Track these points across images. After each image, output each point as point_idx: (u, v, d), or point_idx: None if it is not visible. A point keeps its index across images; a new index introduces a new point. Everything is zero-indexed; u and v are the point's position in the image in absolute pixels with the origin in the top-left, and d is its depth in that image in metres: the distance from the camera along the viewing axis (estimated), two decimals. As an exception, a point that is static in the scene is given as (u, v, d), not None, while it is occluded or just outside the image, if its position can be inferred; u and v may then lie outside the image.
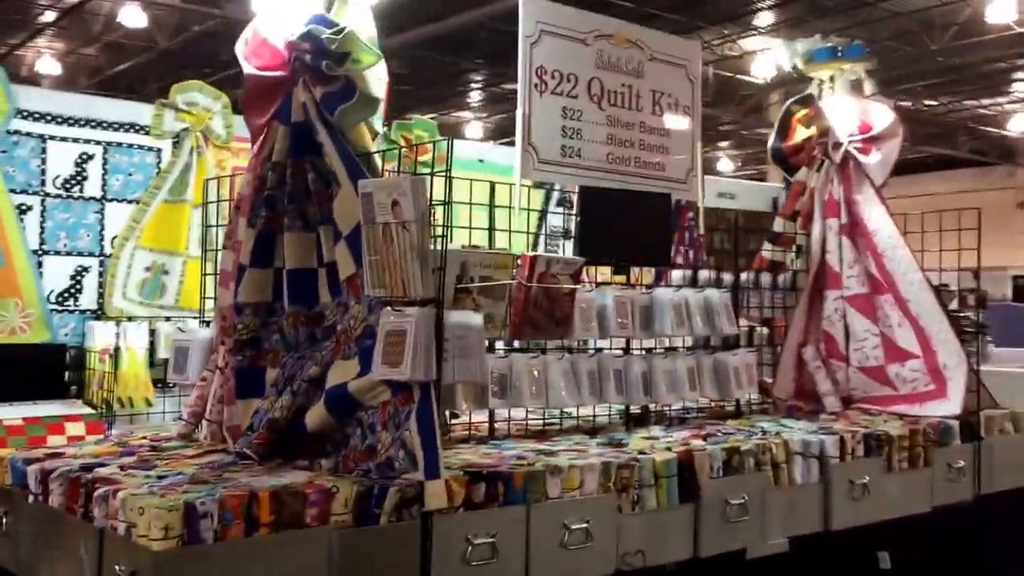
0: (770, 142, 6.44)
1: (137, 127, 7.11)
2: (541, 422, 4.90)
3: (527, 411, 4.77)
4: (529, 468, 3.68)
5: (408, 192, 3.32)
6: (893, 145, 6.05)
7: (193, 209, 7.00)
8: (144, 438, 4.33)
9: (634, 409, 5.19)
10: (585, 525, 3.75)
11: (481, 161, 8.91)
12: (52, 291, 6.77)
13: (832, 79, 6.24)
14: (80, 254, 6.87)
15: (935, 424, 5.36)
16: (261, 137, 3.97)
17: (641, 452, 4.15)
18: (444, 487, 3.28)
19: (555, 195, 9.72)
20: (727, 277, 5.74)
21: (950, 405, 5.51)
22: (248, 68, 3.86)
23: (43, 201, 6.72)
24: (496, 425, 4.66)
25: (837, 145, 6.02)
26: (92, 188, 6.92)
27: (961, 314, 6.69)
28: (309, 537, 3.09)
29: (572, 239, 9.65)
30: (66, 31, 16.33)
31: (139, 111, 7.14)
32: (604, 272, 5.36)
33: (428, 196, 3.39)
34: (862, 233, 5.93)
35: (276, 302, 3.99)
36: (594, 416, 5.10)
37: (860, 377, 5.91)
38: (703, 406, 5.74)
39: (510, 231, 4.82)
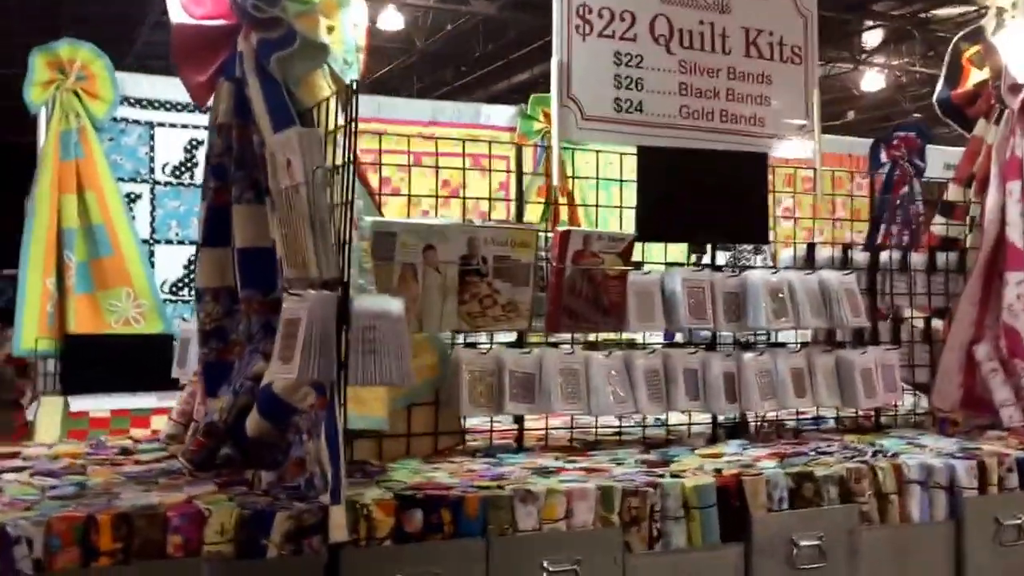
0: (937, 90, 5.19)
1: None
2: (594, 432, 4.09)
3: (596, 419, 3.99)
4: (490, 492, 2.92)
5: (296, 149, 2.68)
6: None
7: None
8: (136, 440, 3.97)
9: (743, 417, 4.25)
10: (573, 567, 2.94)
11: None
12: (165, 281, 6.71)
13: (1015, 4, 4.90)
14: (192, 243, 6.73)
15: None
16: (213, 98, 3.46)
17: (675, 475, 3.27)
18: (343, 514, 2.61)
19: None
20: (859, 256, 4.61)
21: None
22: (183, 18, 3.35)
23: (152, 189, 6.66)
24: (556, 432, 3.94)
25: (1016, 87, 4.70)
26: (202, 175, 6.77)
27: None
28: (168, 570, 2.52)
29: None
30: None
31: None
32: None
33: (326, 153, 2.76)
34: (1049, 197, 4.59)
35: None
36: (689, 425, 4.21)
37: (1055, 381, 4.58)
38: (845, 415, 4.66)
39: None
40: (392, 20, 15.00)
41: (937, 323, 4.80)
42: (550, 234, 3.86)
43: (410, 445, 3.62)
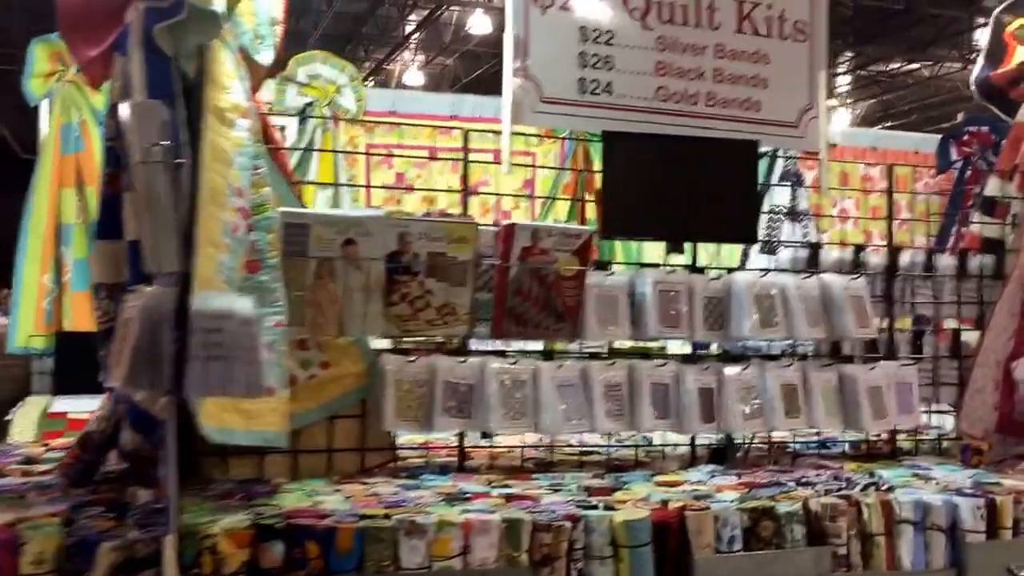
0: (975, 70, 4.58)
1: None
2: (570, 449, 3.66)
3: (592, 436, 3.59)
4: (370, 523, 2.53)
5: (132, 123, 2.36)
6: None
7: (320, 189, 6.45)
8: (50, 448, 3.70)
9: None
10: (468, 612, 2.54)
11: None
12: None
13: (1068, -28, 4.29)
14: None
15: None
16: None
17: (610, 507, 2.82)
18: (174, 546, 2.25)
19: (779, 165, 8.11)
20: (873, 259, 4.07)
21: None
22: (68, -13, 3.05)
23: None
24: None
25: (1063, 65, 4.09)
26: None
27: None
28: (-31, 604, 2.21)
29: (799, 220, 8.05)
30: (424, 43, 17.20)
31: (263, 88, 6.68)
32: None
33: (201, 130, 2.43)
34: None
35: (143, 283, 3.16)
36: (663, 447, 3.75)
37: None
38: (857, 439, 4.13)
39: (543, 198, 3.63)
40: (481, 24, 14.89)
41: (969, 336, 4.21)
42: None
43: (332, 462, 3.26)
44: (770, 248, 6.07)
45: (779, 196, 7.71)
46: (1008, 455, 3.98)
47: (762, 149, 7.65)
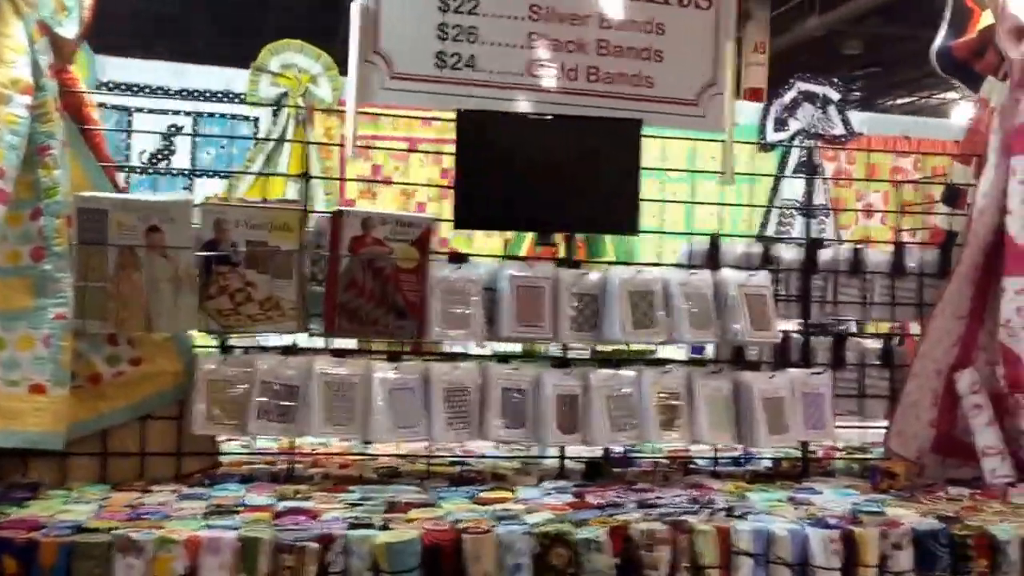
0: (936, 40, 4.06)
1: (231, 95, 6.54)
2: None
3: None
4: (81, 538, 2.28)
5: None
6: None
7: (292, 183, 6.28)
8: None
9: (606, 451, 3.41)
10: (191, 640, 2.27)
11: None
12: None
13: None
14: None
15: None
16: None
17: (384, 526, 2.51)
18: None
19: (794, 156, 7.60)
20: (787, 255, 3.62)
21: None
22: None
23: (127, 178, 6.39)
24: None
25: (1019, 31, 3.56)
26: (180, 163, 6.48)
27: None
28: None
29: (810, 215, 7.49)
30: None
31: (234, 77, 6.57)
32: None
33: None
34: (1063, 179, 3.43)
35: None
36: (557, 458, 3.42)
37: (1058, 427, 3.44)
38: (778, 456, 3.71)
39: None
40: None
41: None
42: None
43: (145, 466, 3.04)
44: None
45: (791, 189, 7.19)
46: (942, 479, 3.49)
47: (776, 138, 7.11)
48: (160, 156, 6.45)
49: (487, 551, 2.43)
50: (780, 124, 8.33)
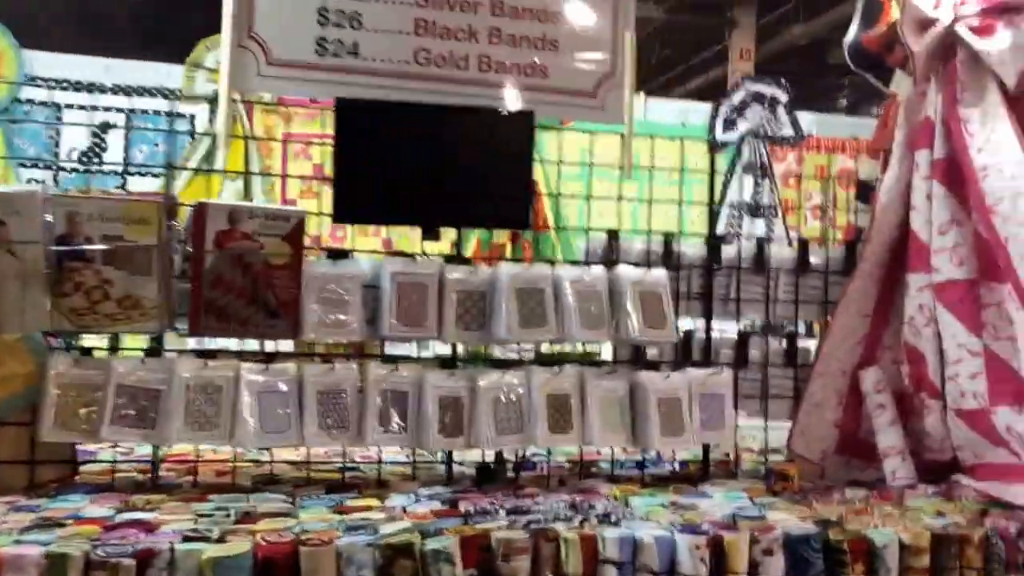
0: (849, 34, 3.96)
1: (166, 91, 6.41)
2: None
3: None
4: None
5: None
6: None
7: (228, 182, 6.15)
8: None
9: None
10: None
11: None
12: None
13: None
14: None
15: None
16: None
17: (221, 540, 2.37)
18: None
19: (745, 155, 7.49)
20: (689, 250, 3.51)
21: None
22: None
23: (56, 176, 6.26)
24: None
25: (922, 23, 3.45)
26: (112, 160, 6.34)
27: None
28: None
29: (763, 216, 7.38)
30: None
31: (169, 73, 6.43)
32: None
33: None
34: (966, 174, 3.31)
35: None
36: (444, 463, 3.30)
37: (960, 427, 3.32)
38: (688, 459, 3.61)
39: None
40: None
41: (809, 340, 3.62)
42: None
43: (-3, 473, 2.90)
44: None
45: (739, 190, 7.09)
46: (845, 480, 3.39)
47: (726, 137, 6.99)
48: (91, 154, 6.30)
49: (326, 564, 2.30)
50: (729, 124, 8.24)
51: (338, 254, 3.13)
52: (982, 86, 3.39)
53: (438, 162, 3.17)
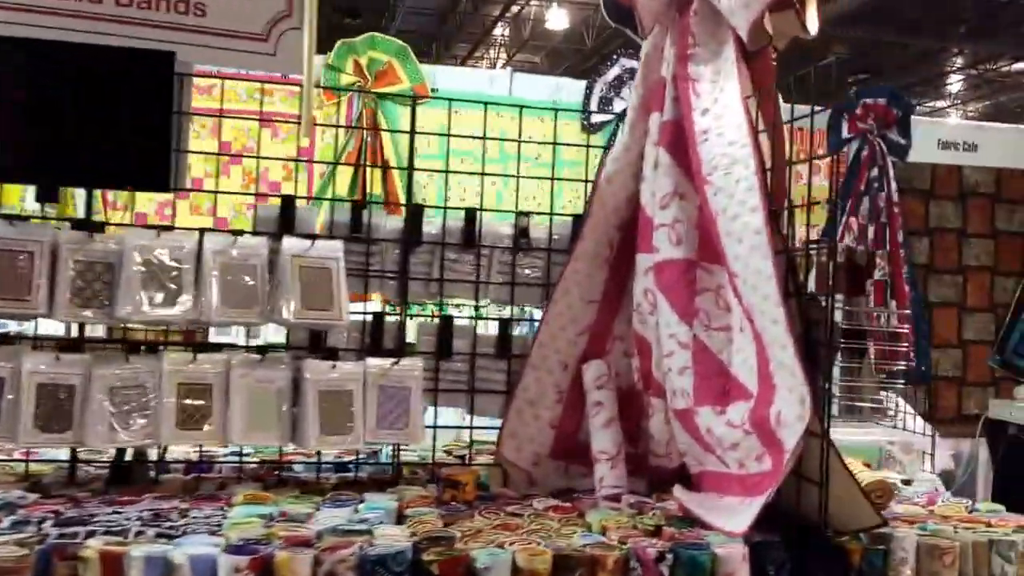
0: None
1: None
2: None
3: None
4: None
5: None
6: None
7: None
8: None
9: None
10: None
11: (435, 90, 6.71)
12: None
13: None
14: None
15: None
16: None
17: None
18: None
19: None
20: (389, 223, 3.06)
21: (739, 516, 2.42)
22: None
23: None
24: None
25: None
26: None
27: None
28: None
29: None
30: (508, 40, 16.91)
31: None
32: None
33: None
34: (688, 139, 2.87)
35: None
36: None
37: (678, 430, 2.88)
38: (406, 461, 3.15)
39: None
40: (558, 19, 14.59)
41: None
42: None
43: None
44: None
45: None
46: (556, 488, 2.96)
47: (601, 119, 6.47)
48: None
49: None
50: (605, 103, 7.82)
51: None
52: (719, 40, 2.95)
53: (54, 110, 2.69)
